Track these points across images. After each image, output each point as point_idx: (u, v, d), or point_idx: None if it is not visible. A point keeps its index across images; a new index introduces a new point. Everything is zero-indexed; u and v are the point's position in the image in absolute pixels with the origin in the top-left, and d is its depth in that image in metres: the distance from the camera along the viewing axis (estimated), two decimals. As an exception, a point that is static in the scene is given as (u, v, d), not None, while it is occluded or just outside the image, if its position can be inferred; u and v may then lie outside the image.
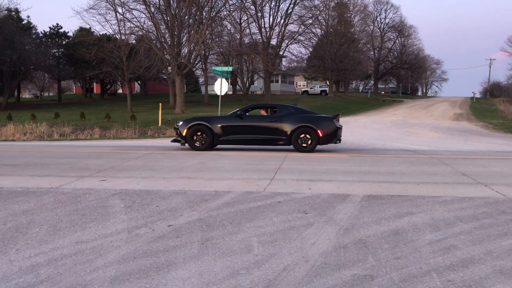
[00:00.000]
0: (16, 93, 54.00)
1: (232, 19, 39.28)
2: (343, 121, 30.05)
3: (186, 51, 34.59)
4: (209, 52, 41.27)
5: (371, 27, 70.49)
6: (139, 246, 3.94)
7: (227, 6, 35.80)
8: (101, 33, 39.32)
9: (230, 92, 48.51)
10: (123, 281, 3.19)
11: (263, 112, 14.25)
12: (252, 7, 40.81)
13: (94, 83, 65.43)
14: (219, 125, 12.77)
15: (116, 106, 41.74)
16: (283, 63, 59.68)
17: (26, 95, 79.44)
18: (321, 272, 3.39)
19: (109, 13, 35.66)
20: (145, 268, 3.43)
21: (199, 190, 6.44)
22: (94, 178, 7.42)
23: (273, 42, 45.03)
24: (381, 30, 71.97)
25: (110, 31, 54.86)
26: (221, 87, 22.22)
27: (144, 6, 33.32)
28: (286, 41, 45.52)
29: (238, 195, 6.10)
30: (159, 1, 33.70)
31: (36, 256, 3.68)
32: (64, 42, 51.24)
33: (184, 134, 12.78)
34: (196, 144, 12.75)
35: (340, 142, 13.28)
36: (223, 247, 3.93)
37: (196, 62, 38.56)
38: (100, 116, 28.07)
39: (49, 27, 51.46)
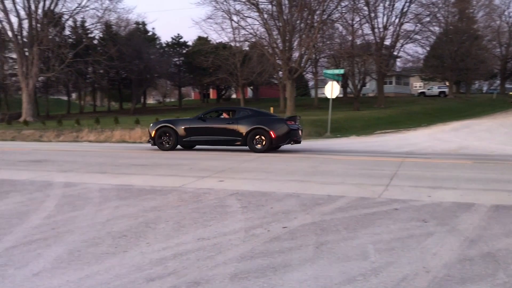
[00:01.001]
0: (142, 99, 59.19)
1: (344, 21, 38.70)
2: (464, 124, 28.06)
3: (297, 56, 34.94)
4: (320, 55, 41.13)
5: (497, 22, 64.36)
6: (255, 245, 4.07)
7: (339, 8, 35.40)
8: (217, 41, 41.53)
9: (341, 95, 47.79)
10: (242, 278, 3.31)
11: (225, 115, 14.46)
12: (365, 7, 39.81)
13: (211, 89, 69.05)
14: (183, 127, 13.74)
15: (230, 110, 43.46)
16: (398, 63, 57.28)
17: (150, 100, 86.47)
18: (445, 284, 3.19)
19: (224, 22, 37.38)
20: (262, 267, 3.53)
21: (312, 193, 6.45)
22: (213, 179, 7.84)
23: (387, 42, 43.48)
24: (509, 25, 65.37)
25: (226, 39, 57.30)
26: (332, 90, 22.04)
27: (257, 14, 34.38)
28: (401, 41, 43.61)
29: (351, 200, 5.99)
30: (272, 7, 34.52)
31: (163, 250, 3.99)
32: (184, 51, 54.95)
33: (152, 135, 13.91)
34: (162, 144, 13.85)
35: (296, 143, 13.66)
36: (338, 252, 3.89)
37: (307, 66, 38.70)
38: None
39: (171, 38, 55.62)
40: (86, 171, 9.11)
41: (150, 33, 53.74)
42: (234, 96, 66.52)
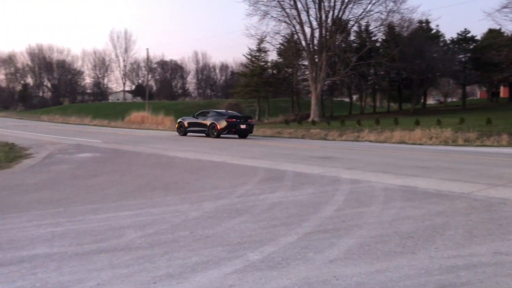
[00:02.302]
0: (422, 99, 57.38)
1: None
2: None
3: None
4: None
5: None
6: None
7: None
8: (514, 32, 36.37)
9: None
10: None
11: (208, 115, 22.07)
12: None
13: (501, 87, 61.29)
14: (186, 122, 22.72)
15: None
16: None
17: (430, 101, 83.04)
18: None
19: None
20: None
21: None
22: (508, 188, 6.96)
23: None
24: None
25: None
26: None
27: None
28: None
29: None
30: None
31: (454, 257, 3.77)
32: (471, 47, 50.47)
33: (176, 126, 23.55)
34: (179, 131, 23.07)
35: (234, 134, 21.26)
36: None
37: None
38: (509, 122, 26.03)
39: (457, 33, 51.88)
40: (370, 169, 9.45)
41: (433, 31, 51.49)
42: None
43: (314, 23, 43.29)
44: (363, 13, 42.33)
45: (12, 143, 15.47)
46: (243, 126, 21.33)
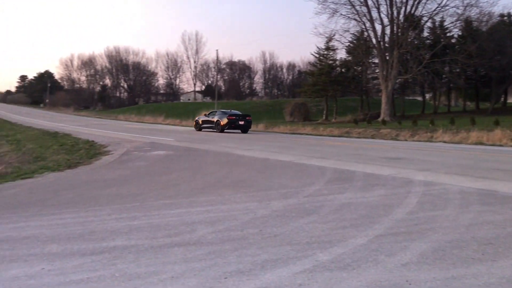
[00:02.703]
0: (502, 98, 53.77)
1: None
2: None
3: None
4: None
5: None
6: None
7: None
8: None
9: None
10: None
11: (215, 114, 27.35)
12: None
13: None
14: (200, 120, 27.45)
15: None
16: None
17: (510, 100, 77.61)
18: None
19: None
20: None
21: None
22: None
23: None
24: None
25: None
26: None
27: None
28: None
29: None
30: None
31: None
32: None
33: (193, 124, 28.67)
34: (196, 127, 27.93)
35: (235, 128, 25.55)
36: None
37: None
38: None
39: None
40: (444, 171, 9.03)
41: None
42: None
43: (385, 20, 42.08)
44: (438, 8, 40.42)
45: (92, 140, 16.50)
46: (241, 122, 25.64)
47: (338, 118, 49.82)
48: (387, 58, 41.96)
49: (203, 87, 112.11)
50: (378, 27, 42.25)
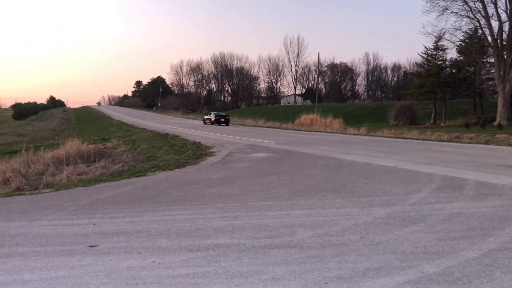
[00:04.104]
0: None
1: None
2: None
3: None
4: None
5: None
6: None
7: None
8: None
9: None
10: None
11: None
12: None
13: None
14: (205, 117, 44.61)
15: None
16: None
17: None
18: None
19: None
20: None
21: None
22: None
23: None
24: None
25: None
26: None
27: None
28: None
29: None
30: None
31: None
32: None
33: (202, 120, 46.69)
34: (205, 123, 42.93)
35: (222, 123, 40.78)
36: None
37: None
38: None
39: None
40: None
41: None
42: None
43: (503, 16, 38.60)
44: None
45: (198, 142, 17.38)
46: (222, 120, 41.22)
47: (447, 122, 46.72)
48: (505, 57, 38.42)
49: (303, 90, 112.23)
50: (495, 24, 38.98)
